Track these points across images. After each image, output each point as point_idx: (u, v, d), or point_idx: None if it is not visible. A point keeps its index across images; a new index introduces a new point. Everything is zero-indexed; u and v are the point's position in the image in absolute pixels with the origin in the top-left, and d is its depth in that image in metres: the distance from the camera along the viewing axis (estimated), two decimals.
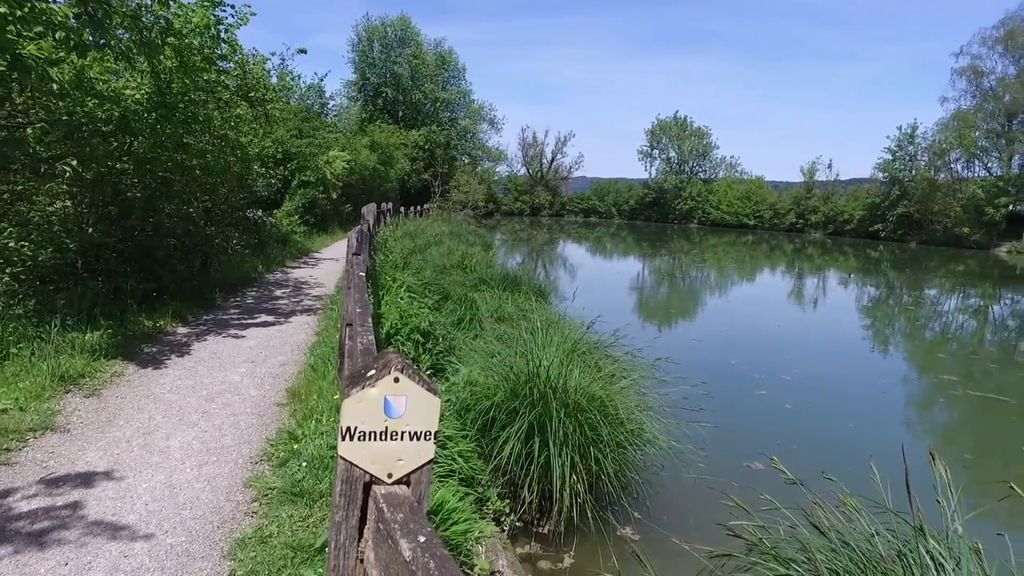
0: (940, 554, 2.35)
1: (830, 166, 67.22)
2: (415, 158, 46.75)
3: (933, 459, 2.79)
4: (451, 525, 3.37)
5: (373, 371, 1.42)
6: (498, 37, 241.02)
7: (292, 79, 19.74)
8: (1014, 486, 2.65)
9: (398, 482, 1.43)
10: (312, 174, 21.17)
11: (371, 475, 1.44)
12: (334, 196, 23.94)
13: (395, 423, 1.42)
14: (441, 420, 4.54)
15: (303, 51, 13.77)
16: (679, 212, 70.04)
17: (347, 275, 6.06)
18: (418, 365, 5.79)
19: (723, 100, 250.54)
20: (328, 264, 14.72)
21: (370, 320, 3.20)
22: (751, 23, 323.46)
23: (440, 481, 3.95)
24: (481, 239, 22.63)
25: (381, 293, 8.50)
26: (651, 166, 74.15)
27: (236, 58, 10.00)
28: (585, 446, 4.52)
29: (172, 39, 7.17)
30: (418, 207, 32.99)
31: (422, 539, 1.09)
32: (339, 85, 52.20)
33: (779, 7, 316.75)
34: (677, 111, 79.54)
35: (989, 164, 50.88)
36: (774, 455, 3.37)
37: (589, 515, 4.54)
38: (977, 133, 49.88)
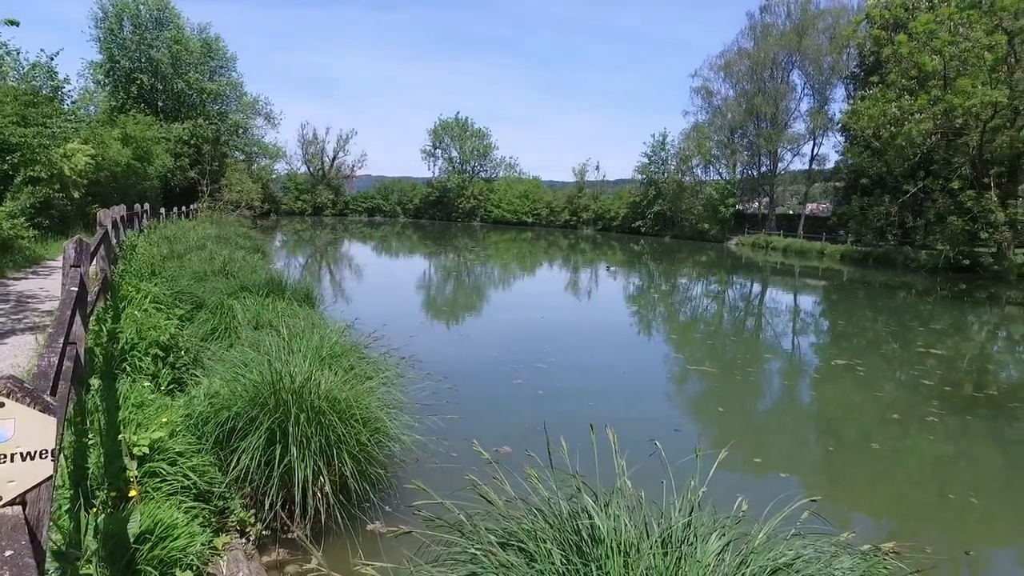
0: (593, 506, 2.85)
1: (598, 168, 73.75)
2: (180, 154, 42.62)
3: (592, 428, 3.34)
4: (171, 541, 3.29)
5: None
6: (273, 25, 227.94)
7: (5, 54, 16.79)
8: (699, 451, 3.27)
9: (11, 503, 1.44)
10: (44, 169, 18.35)
11: None
12: (76, 196, 21.08)
13: (3, 446, 1.43)
14: (172, 436, 4.39)
15: (14, 23, 11.49)
16: (462, 210, 72.14)
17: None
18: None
19: (502, 103, 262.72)
20: None
21: (61, 340, 2.99)
22: (529, 30, 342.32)
23: (168, 498, 3.81)
24: (253, 241, 21.42)
25: (122, 305, 7.77)
26: (434, 165, 75.52)
27: None
28: (329, 448, 4.61)
29: None
30: (184, 208, 30.28)
31: (8, 554, 1.14)
32: (81, 66, 45.31)
33: (554, 18, 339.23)
34: (459, 112, 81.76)
35: (720, 170, 59.36)
36: (519, 437, 3.78)
37: (338, 514, 4.64)
38: (711, 143, 57.95)
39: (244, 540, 4.44)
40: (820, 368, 11.97)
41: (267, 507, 4.43)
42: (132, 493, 3.47)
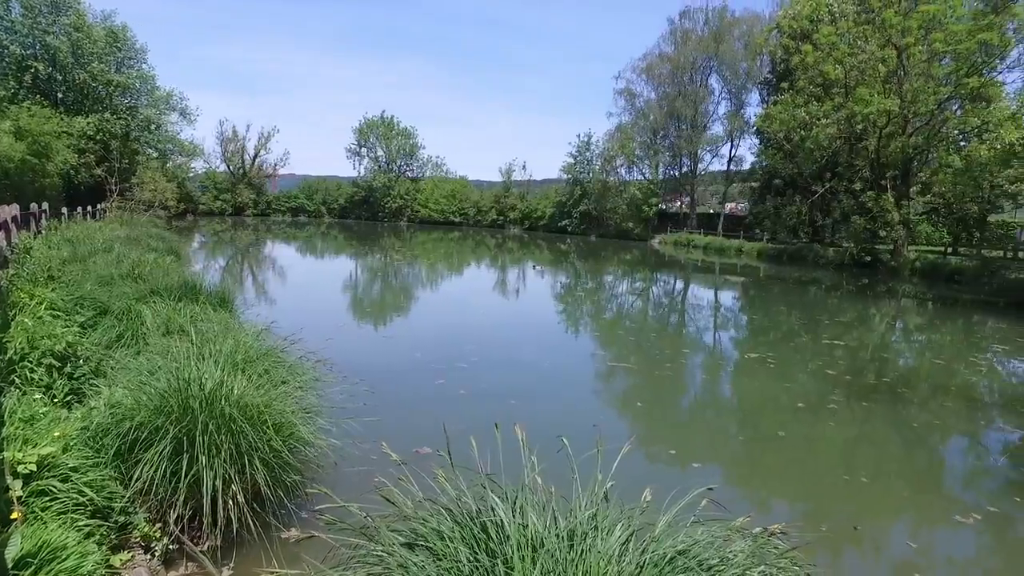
0: (499, 504, 2.90)
1: (525, 167, 74.48)
2: (84, 150, 40.17)
3: (497, 427, 3.39)
4: (58, 563, 3.12)
5: None
6: (189, 18, 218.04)
7: None
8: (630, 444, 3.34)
9: None
10: None
11: None
12: None
13: None
14: (66, 451, 4.16)
15: None
16: (389, 210, 71.33)
17: None
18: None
19: (429, 101, 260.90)
20: None
21: None
22: (456, 29, 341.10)
23: (58, 518, 3.61)
24: (166, 243, 20.48)
25: (12, 313, 7.28)
26: (360, 164, 74.28)
27: None
28: (241, 456, 4.49)
29: None
30: (90, 208, 28.63)
31: None
32: None
33: (482, 17, 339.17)
34: (384, 110, 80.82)
35: (643, 170, 60.99)
36: (439, 438, 3.78)
37: (251, 523, 4.52)
38: (634, 144, 59.43)
39: (148, 556, 4.26)
40: (735, 361, 12.50)
41: (174, 520, 4.27)
42: (14, 515, 3.26)
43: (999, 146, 18.69)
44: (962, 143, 32.64)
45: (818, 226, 44.09)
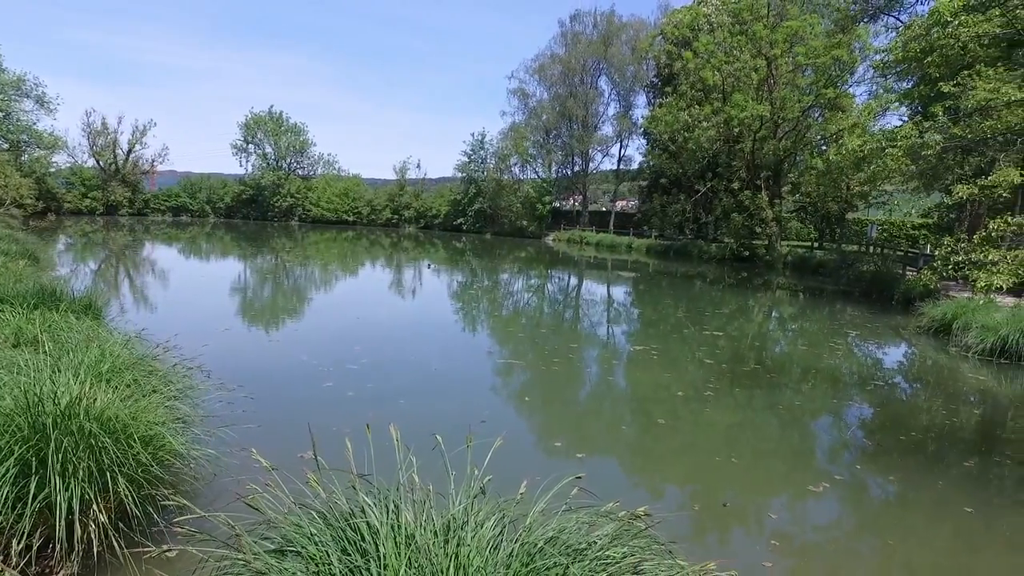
0: (370, 504, 2.90)
1: (419, 166, 73.90)
2: None
3: (368, 428, 3.39)
4: None
5: None
6: None
7: None
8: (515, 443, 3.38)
9: None
10: None
11: None
12: None
13: None
14: None
15: None
16: (279, 209, 68.67)
17: None
18: None
19: (320, 98, 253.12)
20: None
21: None
22: (349, 24, 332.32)
23: None
24: (20, 245, 18.71)
25: None
26: (247, 162, 70.81)
27: None
28: (103, 473, 4.21)
29: None
30: None
31: None
32: None
33: (375, 13, 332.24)
34: (272, 105, 77.24)
35: (537, 168, 62.10)
36: (325, 441, 3.68)
37: (116, 544, 4.25)
38: (528, 143, 60.34)
39: None
40: (622, 354, 13.00)
41: (18, 551, 3.93)
42: None
43: (843, 152, 20.52)
44: (823, 147, 35.52)
45: (702, 223, 46.61)
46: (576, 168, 62.17)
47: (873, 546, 5.41)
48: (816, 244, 41.11)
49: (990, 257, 6.91)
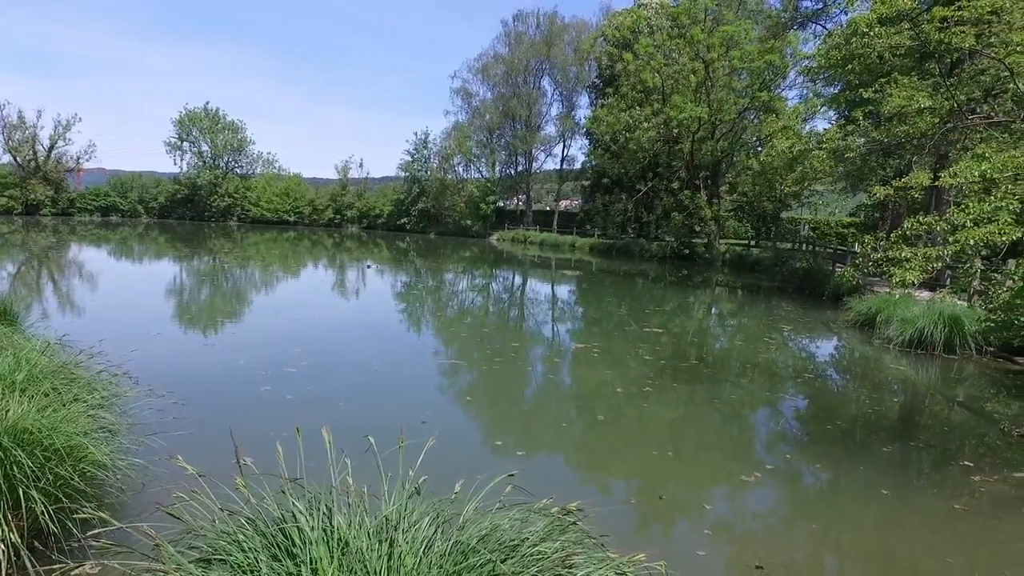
0: (300, 508, 2.86)
1: (362, 165, 72.47)
2: None
3: (299, 431, 3.35)
4: None
5: None
6: None
7: None
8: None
9: None
10: None
11: None
12: None
13: None
14: None
15: None
16: (217, 209, 66.63)
17: None
18: None
19: (259, 95, 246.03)
20: None
21: None
22: (288, 20, 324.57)
23: None
24: None
25: None
26: (182, 160, 68.37)
27: None
28: (13, 490, 4.00)
29: None
30: None
31: None
32: None
33: (316, 8, 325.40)
34: (208, 102, 74.86)
35: (481, 168, 62.15)
36: (261, 446, 3.58)
37: (29, 564, 4.05)
38: (471, 142, 60.32)
39: None
40: (564, 353, 13.15)
41: None
42: None
43: (773, 153, 21.37)
44: (758, 148, 36.76)
45: (643, 222, 47.53)
46: (520, 168, 62.48)
47: (804, 530, 5.65)
48: (753, 242, 42.51)
49: (903, 254, 7.30)
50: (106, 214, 66.56)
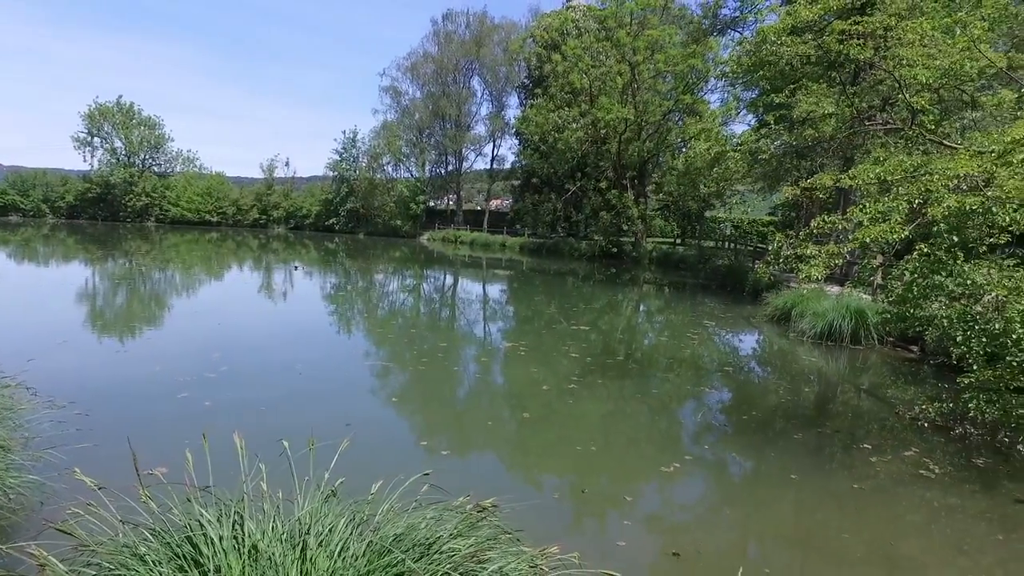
0: (207, 516, 2.80)
1: (288, 164, 70.91)
2: None
3: (205, 437, 3.28)
4: None
5: None
6: None
7: None
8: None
9: None
10: None
11: None
12: None
13: None
14: None
15: None
16: (132, 209, 63.50)
17: None
18: None
19: (178, 90, 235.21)
20: None
21: None
22: (208, 11, 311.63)
23: None
24: None
25: None
26: (93, 157, 64.75)
27: None
28: None
29: None
30: None
31: None
32: None
33: (244, 1, 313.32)
34: (121, 96, 71.22)
35: (411, 168, 61.63)
36: (179, 456, 3.46)
37: None
38: (401, 142, 59.72)
39: None
40: (492, 352, 13.22)
41: None
42: None
43: (690, 155, 22.23)
44: (683, 149, 37.92)
45: (572, 221, 48.26)
46: (450, 167, 62.29)
47: (720, 517, 5.90)
48: (678, 240, 43.83)
49: (809, 252, 7.74)
50: (4, 214, 62.34)
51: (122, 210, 63.35)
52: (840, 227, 8.00)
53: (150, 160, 66.51)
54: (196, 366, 9.70)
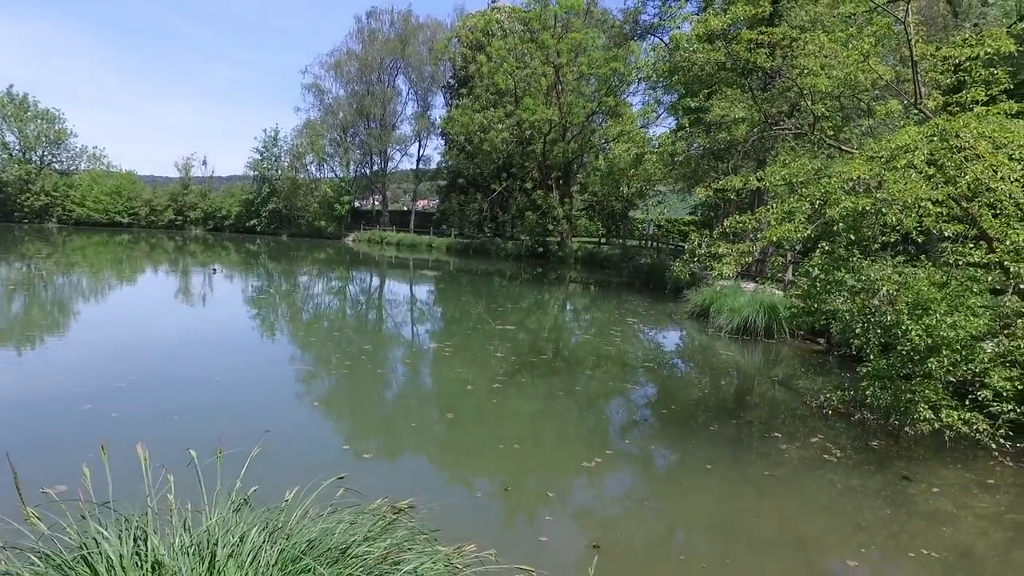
0: (103, 532, 2.69)
1: (205, 162, 68.09)
2: None
3: (104, 449, 3.15)
4: None
5: None
6: None
7: None
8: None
9: None
10: None
11: None
12: None
13: None
14: None
15: None
16: (30, 209, 59.48)
17: None
18: None
19: (81, 81, 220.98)
20: None
21: None
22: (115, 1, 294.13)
23: None
24: None
25: None
26: None
27: None
28: None
29: None
30: None
31: None
32: None
33: None
34: (12, 85, 66.55)
35: (335, 167, 60.43)
36: (81, 471, 3.24)
37: None
38: (324, 141, 58.47)
39: None
40: (418, 353, 13.14)
41: None
42: None
43: (610, 157, 22.87)
44: (606, 150, 38.79)
45: (499, 221, 48.49)
46: (375, 167, 61.41)
47: (640, 508, 6.08)
48: (603, 240, 44.74)
49: (721, 250, 8.12)
50: None
51: (17, 210, 59.14)
52: (751, 226, 8.40)
53: (50, 156, 62.44)
54: (104, 376, 9.20)
